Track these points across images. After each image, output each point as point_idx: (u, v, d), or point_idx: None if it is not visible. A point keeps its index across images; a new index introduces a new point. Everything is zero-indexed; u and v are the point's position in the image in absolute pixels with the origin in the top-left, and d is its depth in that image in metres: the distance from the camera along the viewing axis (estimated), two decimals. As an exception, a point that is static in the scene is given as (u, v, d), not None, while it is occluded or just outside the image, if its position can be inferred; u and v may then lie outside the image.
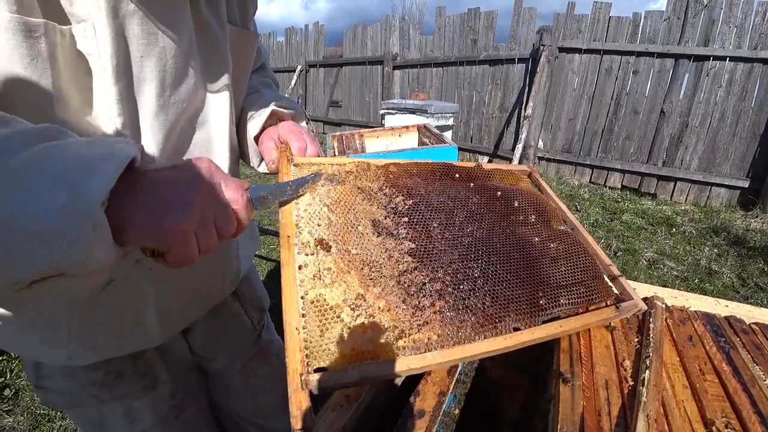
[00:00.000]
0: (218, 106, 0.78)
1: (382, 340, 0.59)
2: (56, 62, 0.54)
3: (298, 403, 0.50)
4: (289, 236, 0.66)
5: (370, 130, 2.82)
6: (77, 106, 0.58)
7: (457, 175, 0.92)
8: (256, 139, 0.90)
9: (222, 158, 0.81)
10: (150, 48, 0.61)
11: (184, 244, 0.50)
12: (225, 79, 0.77)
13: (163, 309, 0.79)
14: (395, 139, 2.82)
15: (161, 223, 0.47)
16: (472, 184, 0.91)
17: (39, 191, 0.39)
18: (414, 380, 0.62)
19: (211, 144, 0.79)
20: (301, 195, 0.73)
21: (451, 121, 4.84)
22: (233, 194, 0.56)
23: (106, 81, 0.58)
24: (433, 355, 0.59)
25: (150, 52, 0.61)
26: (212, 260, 0.86)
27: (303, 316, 0.58)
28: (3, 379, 2.07)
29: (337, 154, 2.52)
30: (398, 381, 0.67)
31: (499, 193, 0.91)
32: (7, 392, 2.02)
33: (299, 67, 8.72)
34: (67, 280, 0.43)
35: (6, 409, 1.93)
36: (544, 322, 0.68)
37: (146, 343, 0.81)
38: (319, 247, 0.68)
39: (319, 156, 0.85)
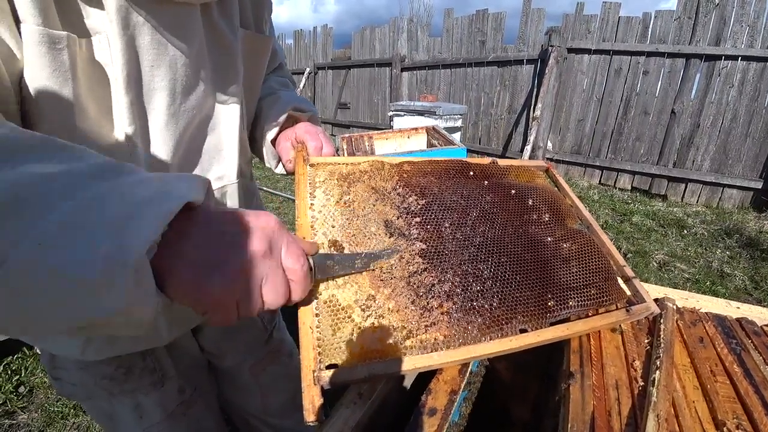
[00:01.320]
0: (228, 111, 0.79)
1: (391, 340, 0.60)
2: (76, 73, 0.55)
3: (311, 397, 0.52)
4: (304, 238, 0.68)
5: (379, 132, 2.84)
6: (94, 115, 0.60)
7: (472, 173, 0.92)
8: (274, 141, 0.92)
9: (231, 163, 0.82)
10: (160, 58, 0.62)
11: (222, 312, 0.46)
12: (236, 85, 0.78)
13: (172, 310, 0.80)
14: (404, 140, 2.84)
15: (202, 286, 0.43)
16: (486, 182, 0.91)
17: (85, 240, 0.36)
18: (426, 379, 0.63)
19: (221, 150, 0.80)
20: (371, 270, 0.66)
21: (459, 123, 4.84)
22: (293, 264, 0.50)
23: (118, 91, 0.60)
24: (439, 355, 0.60)
25: (160, 62, 0.62)
26: None
27: (316, 315, 0.60)
28: (18, 376, 2.12)
29: (346, 155, 2.54)
30: (411, 379, 0.69)
31: (513, 191, 0.90)
32: (21, 389, 2.06)
33: (308, 69, 8.78)
34: (111, 328, 0.41)
35: (21, 405, 1.98)
36: (552, 323, 0.69)
37: (155, 341, 0.83)
38: (332, 249, 0.69)
39: (334, 156, 0.86)
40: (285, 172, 0.94)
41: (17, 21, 0.49)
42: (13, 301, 0.34)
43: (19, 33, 0.49)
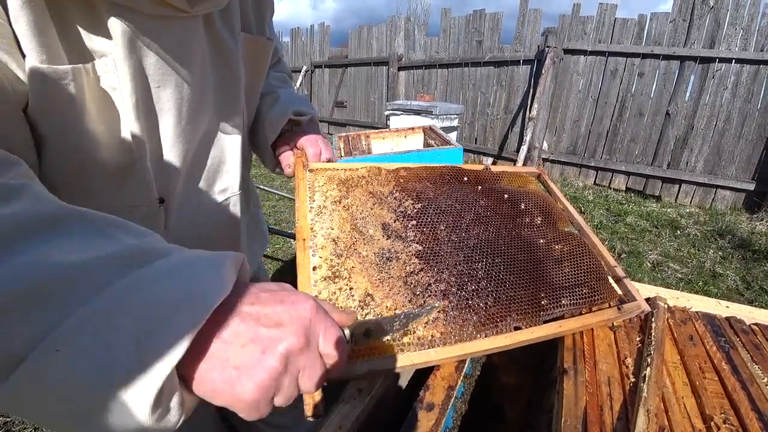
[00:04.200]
0: (230, 124, 0.78)
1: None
2: (84, 103, 0.55)
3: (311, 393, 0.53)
4: (304, 239, 0.70)
5: (377, 131, 2.85)
6: (104, 140, 0.59)
7: (466, 179, 0.95)
8: (273, 145, 0.93)
9: (234, 175, 0.82)
10: (166, 78, 0.61)
11: (255, 408, 0.40)
12: (237, 96, 0.78)
13: None
14: (401, 140, 2.85)
15: (234, 389, 0.38)
16: (479, 187, 0.93)
17: (111, 344, 0.31)
18: (423, 375, 0.65)
19: (224, 163, 0.80)
20: (408, 330, 0.63)
21: (455, 123, 4.85)
22: (331, 348, 0.44)
23: (127, 115, 0.59)
24: (436, 352, 0.62)
25: (167, 83, 0.62)
26: None
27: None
28: (15, 374, 2.10)
29: (343, 154, 2.55)
30: (408, 376, 0.70)
31: (506, 195, 0.93)
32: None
33: (305, 67, 8.76)
34: None
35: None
36: (546, 321, 0.71)
37: None
38: (331, 250, 0.71)
39: (332, 161, 0.88)
40: (285, 175, 0.95)
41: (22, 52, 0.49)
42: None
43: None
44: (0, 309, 0.30)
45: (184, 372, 0.37)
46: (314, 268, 0.68)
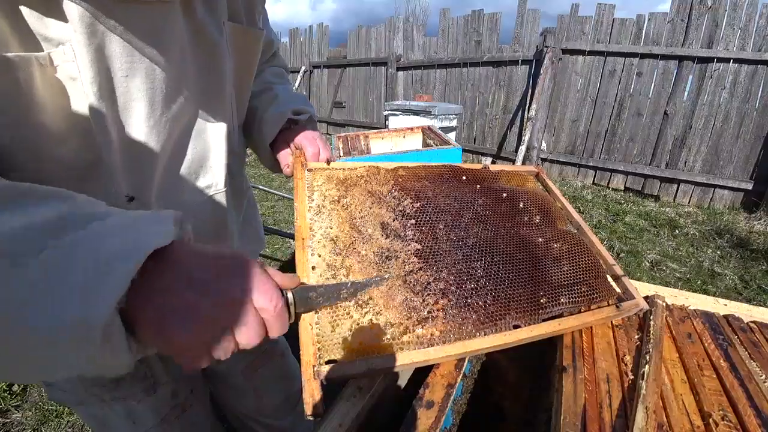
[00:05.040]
0: (214, 117, 0.74)
1: (388, 336, 0.62)
2: (34, 95, 0.51)
3: (311, 391, 0.54)
4: (303, 239, 0.70)
5: (375, 131, 2.85)
6: (65, 134, 0.55)
7: (464, 177, 0.95)
8: (272, 144, 0.92)
9: (218, 171, 0.78)
10: (135, 66, 0.57)
11: (191, 356, 0.45)
12: (222, 89, 0.73)
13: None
14: (400, 140, 2.85)
15: (167, 331, 0.42)
16: (478, 186, 0.93)
17: (55, 304, 0.36)
18: (423, 374, 0.65)
19: (208, 158, 0.76)
20: (358, 300, 0.64)
21: (454, 123, 4.86)
22: (266, 301, 0.47)
23: (91, 106, 0.55)
24: (435, 350, 0.62)
25: (135, 71, 0.57)
26: None
27: (316, 313, 0.61)
28: (13, 375, 2.10)
29: (342, 154, 2.55)
30: (408, 374, 0.70)
31: (504, 194, 0.93)
32: (15, 388, 2.05)
33: (303, 68, 8.76)
34: (89, 374, 0.42)
35: (15, 404, 1.96)
36: (545, 320, 0.71)
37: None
38: (330, 249, 0.71)
39: (331, 160, 0.88)
40: (284, 174, 0.95)
41: None
42: None
43: None
44: None
45: (128, 315, 0.41)
46: (313, 267, 0.68)
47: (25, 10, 0.48)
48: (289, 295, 0.52)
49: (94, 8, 0.49)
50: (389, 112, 5.00)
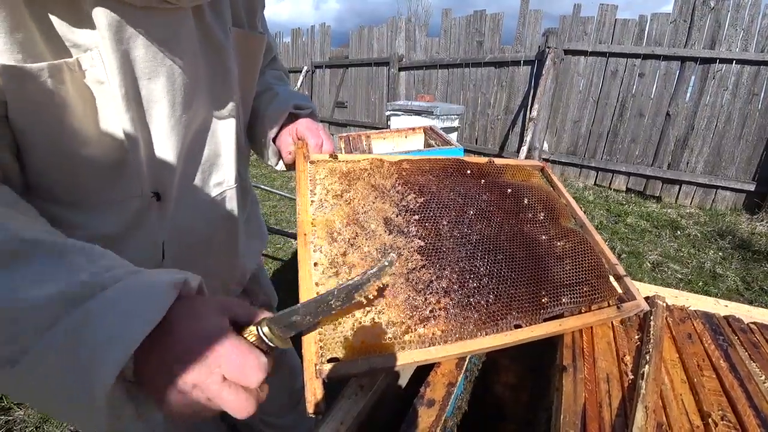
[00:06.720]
0: (224, 116, 0.78)
1: (390, 335, 0.62)
2: (67, 99, 0.54)
3: (313, 390, 0.54)
4: (305, 234, 0.70)
5: (377, 131, 2.85)
6: (93, 136, 0.58)
7: (469, 172, 0.93)
8: (275, 139, 0.92)
9: (229, 168, 0.82)
10: (157, 69, 0.60)
11: (185, 418, 0.47)
12: (230, 88, 0.77)
13: None
14: (401, 140, 2.85)
15: (164, 402, 0.45)
16: (483, 181, 0.92)
17: (62, 385, 0.41)
18: (424, 372, 0.65)
19: (219, 155, 0.80)
20: (353, 304, 0.57)
21: (456, 123, 4.86)
22: (235, 372, 0.46)
23: (118, 108, 0.58)
24: (437, 349, 0.62)
25: (158, 73, 0.60)
26: (215, 263, 0.88)
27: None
28: (16, 372, 2.11)
29: (344, 154, 2.55)
30: (409, 373, 0.71)
31: (509, 190, 0.92)
32: (19, 386, 2.06)
33: (305, 68, 8.77)
34: None
35: (17, 402, 1.97)
36: (546, 319, 0.71)
37: None
38: (333, 246, 0.71)
39: (334, 153, 0.87)
40: (285, 168, 0.95)
41: None
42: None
43: None
44: None
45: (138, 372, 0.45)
46: (315, 264, 0.68)
47: (54, 19, 0.51)
48: (263, 329, 0.49)
49: (119, 16, 0.53)
50: (391, 112, 5.01)
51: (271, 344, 0.49)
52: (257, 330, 0.49)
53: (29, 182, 0.60)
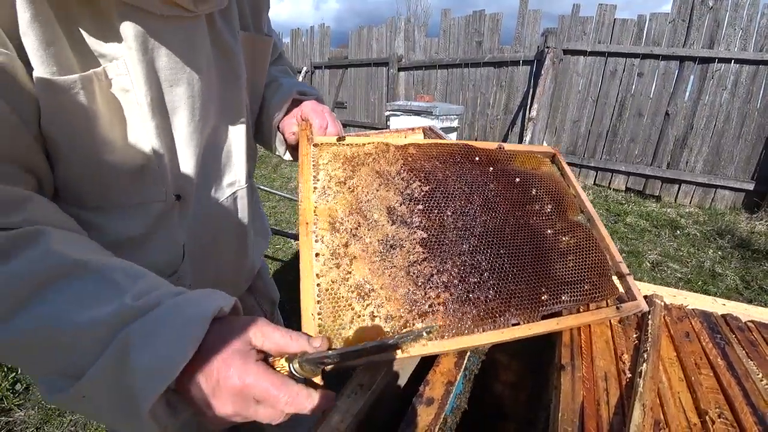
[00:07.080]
0: (235, 116, 0.80)
1: (388, 328, 0.62)
2: (96, 109, 0.56)
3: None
4: (307, 223, 0.69)
5: (377, 131, 2.85)
6: (120, 143, 0.60)
7: (477, 158, 0.90)
8: (279, 126, 0.92)
9: (240, 168, 0.84)
10: (179, 76, 0.63)
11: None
12: (240, 91, 0.79)
13: None
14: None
15: (209, 416, 0.47)
16: (491, 169, 0.89)
17: (107, 406, 0.45)
18: (424, 370, 0.66)
19: (231, 156, 0.82)
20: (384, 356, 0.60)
21: (455, 123, 4.86)
22: (270, 413, 0.48)
23: (143, 116, 0.60)
24: (433, 344, 0.62)
25: (179, 80, 0.63)
26: (227, 261, 0.90)
27: (318, 303, 0.62)
28: (14, 374, 2.11)
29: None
30: (408, 371, 0.71)
31: (517, 179, 0.89)
32: (18, 387, 2.06)
33: (305, 68, 8.77)
34: None
35: (17, 403, 1.97)
36: (545, 317, 0.71)
37: None
38: (334, 236, 0.70)
39: (339, 135, 0.85)
40: (292, 158, 0.94)
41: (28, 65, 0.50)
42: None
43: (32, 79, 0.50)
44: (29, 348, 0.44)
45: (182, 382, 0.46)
46: (317, 255, 0.67)
47: (83, 32, 0.53)
48: (295, 366, 0.49)
49: (144, 27, 0.55)
50: (390, 112, 5.01)
51: (300, 377, 0.50)
52: (288, 366, 0.50)
53: (57, 187, 0.61)
